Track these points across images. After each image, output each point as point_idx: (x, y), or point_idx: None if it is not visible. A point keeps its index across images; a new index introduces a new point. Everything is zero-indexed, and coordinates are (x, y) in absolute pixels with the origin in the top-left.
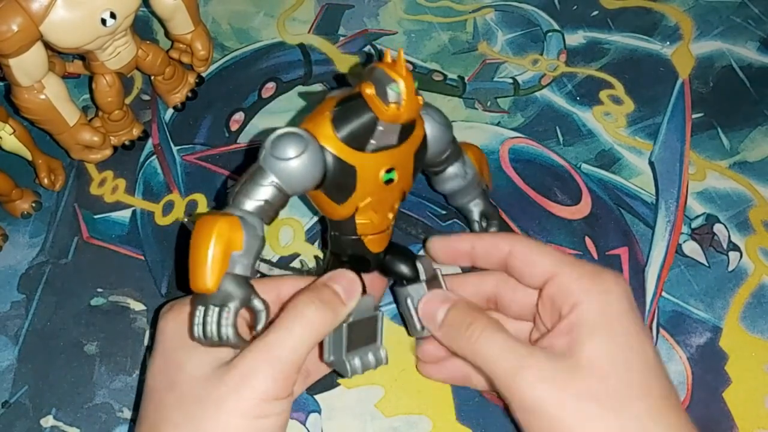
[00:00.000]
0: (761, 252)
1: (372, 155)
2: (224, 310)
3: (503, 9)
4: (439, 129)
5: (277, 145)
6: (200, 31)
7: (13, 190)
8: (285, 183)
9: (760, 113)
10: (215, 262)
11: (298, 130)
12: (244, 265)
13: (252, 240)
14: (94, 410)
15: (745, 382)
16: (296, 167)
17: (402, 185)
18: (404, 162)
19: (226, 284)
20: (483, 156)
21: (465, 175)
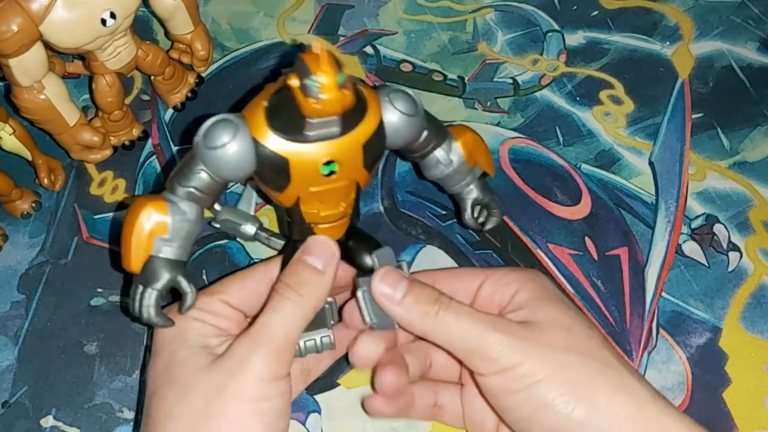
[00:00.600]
0: (761, 252)
1: (308, 146)
2: (146, 291)
3: (503, 9)
4: (401, 119)
5: (207, 133)
6: (200, 31)
7: (13, 190)
8: (213, 171)
9: (760, 113)
10: (136, 246)
11: (231, 118)
12: (172, 249)
13: (179, 225)
14: (94, 410)
15: (745, 382)
16: (223, 156)
17: (351, 176)
18: (349, 154)
19: (152, 266)
20: (477, 140)
21: (449, 163)
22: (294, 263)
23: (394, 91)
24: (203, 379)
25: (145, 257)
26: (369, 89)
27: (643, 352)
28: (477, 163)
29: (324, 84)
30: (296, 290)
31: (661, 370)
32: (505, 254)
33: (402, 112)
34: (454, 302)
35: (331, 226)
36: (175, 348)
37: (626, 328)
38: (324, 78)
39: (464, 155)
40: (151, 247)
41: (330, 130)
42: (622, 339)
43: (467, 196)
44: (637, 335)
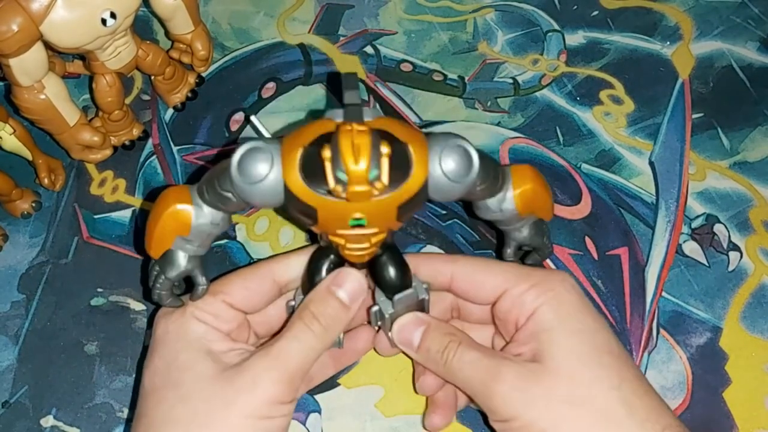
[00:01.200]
0: (761, 252)
1: (339, 202)
2: (160, 276)
3: (503, 9)
4: (447, 184)
5: (242, 162)
6: (200, 31)
7: (13, 190)
8: (241, 196)
9: (760, 113)
10: (159, 239)
11: (269, 149)
12: (191, 247)
13: (202, 229)
14: (94, 410)
15: (745, 382)
16: (255, 190)
17: (381, 227)
18: (382, 213)
19: (171, 257)
20: (538, 191)
21: (500, 212)
22: (322, 292)
23: (450, 149)
24: (209, 389)
25: (165, 249)
26: (419, 142)
27: (644, 351)
28: (532, 213)
29: (353, 178)
30: (320, 322)
31: (662, 370)
32: None
33: (450, 179)
34: (461, 348)
35: (357, 254)
36: (177, 349)
37: (626, 327)
38: (354, 172)
39: (517, 208)
40: (171, 242)
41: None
42: (622, 339)
43: (514, 236)
44: (638, 335)
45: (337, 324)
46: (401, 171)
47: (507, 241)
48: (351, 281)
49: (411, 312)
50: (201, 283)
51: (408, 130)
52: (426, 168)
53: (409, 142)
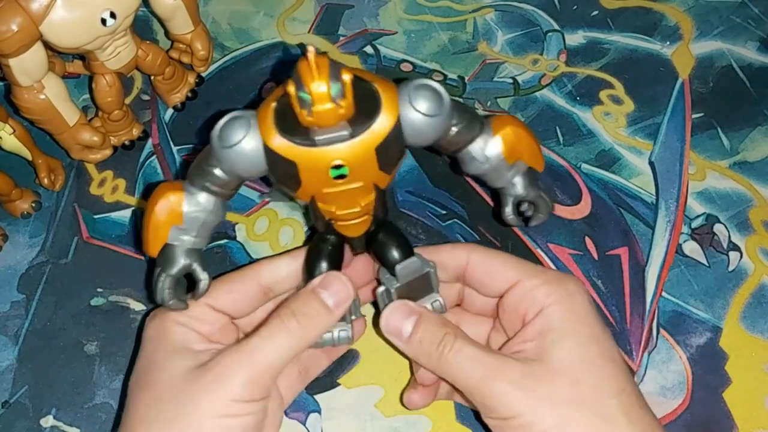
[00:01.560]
0: (761, 252)
1: (317, 150)
2: (161, 275)
3: (503, 9)
4: (422, 120)
5: (222, 130)
6: (200, 31)
7: (13, 190)
8: (226, 168)
9: (760, 113)
10: (154, 232)
11: (245, 115)
12: (188, 237)
13: (195, 216)
14: (94, 410)
15: (745, 382)
16: (236, 154)
17: (366, 179)
18: (361, 158)
19: (168, 253)
20: (521, 134)
21: (486, 159)
22: (307, 292)
23: (417, 87)
24: (178, 387)
25: (162, 243)
26: (387, 85)
27: (644, 351)
28: (520, 159)
29: (316, 97)
30: (298, 321)
31: (662, 370)
32: None
33: (423, 113)
34: (458, 341)
35: (352, 223)
36: (154, 351)
37: (626, 327)
38: (315, 91)
39: (503, 152)
40: (167, 234)
41: (339, 133)
42: (622, 339)
43: (509, 192)
44: (638, 335)
45: (315, 326)
46: (370, 107)
47: (503, 200)
48: (338, 285)
49: (401, 300)
50: (202, 278)
51: (375, 76)
52: (396, 107)
53: (376, 83)
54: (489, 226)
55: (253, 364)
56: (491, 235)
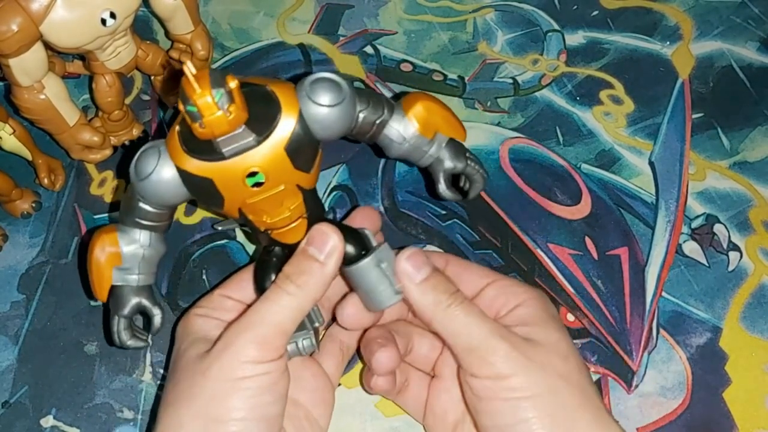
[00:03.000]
0: (761, 252)
1: (228, 162)
2: (114, 318)
3: (503, 9)
4: (325, 113)
5: (136, 163)
6: (200, 31)
7: (13, 190)
8: (150, 199)
9: (760, 113)
10: (98, 278)
11: (156, 144)
12: (132, 276)
13: (133, 253)
14: (94, 410)
15: (745, 382)
16: (153, 185)
17: (286, 181)
18: (272, 161)
19: (116, 295)
20: (431, 107)
21: (403, 140)
22: (297, 254)
23: (313, 82)
24: (192, 367)
25: (107, 286)
26: (283, 85)
27: (644, 351)
28: (438, 131)
29: (202, 108)
30: (294, 281)
31: (662, 370)
32: (505, 254)
33: (323, 105)
34: (467, 300)
35: (287, 230)
36: (179, 346)
37: (626, 328)
38: (200, 102)
39: (417, 128)
40: (110, 277)
41: (244, 141)
42: (622, 339)
43: (437, 167)
44: (638, 335)
45: (313, 280)
46: (269, 110)
47: (435, 177)
48: (321, 236)
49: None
50: (155, 314)
51: (269, 79)
52: (296, 105)
53: (271, 86)
54: (489, 226)
55: (259, 325)
56: (491, 235)
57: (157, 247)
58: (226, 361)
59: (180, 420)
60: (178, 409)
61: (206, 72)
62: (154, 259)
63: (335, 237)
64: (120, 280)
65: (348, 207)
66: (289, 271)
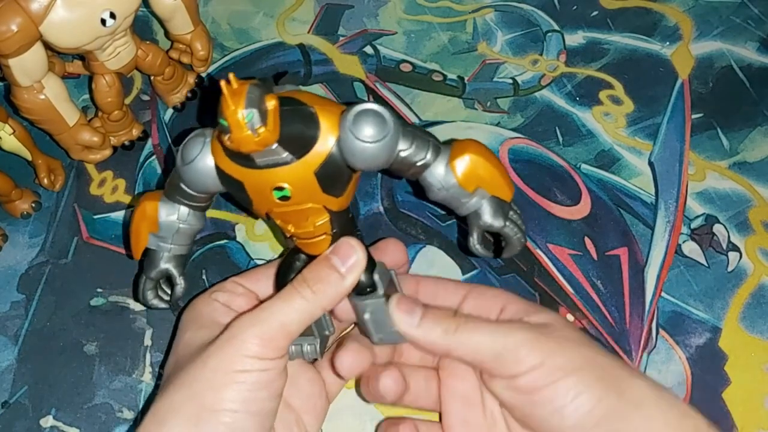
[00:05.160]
0: (761, 252)
1: (259, 172)
2: (141, 276)
3: (503, 9)
4: (362, 147)
5: (184, 146)
6: (200, 31)
7: (13, 190)
8: (188, 183)
9: (760, 113)
10: (135, 238)
11: (204, 134)
12: (165, 244)
13: (169, 224)
14: (94, 410)
15: (744, 383)
16: (192, 172)
17: (312, 201)
18: (301, 181)
19: (148, 257)
20: (479, 161)
21: (443, 186)
22: (319, 260)
23: (359, 113)
24: (195, 354)
25: (142, 248)
26: (330, 109)
27: (643, 352)
28: (480, 187)
29: (231, 124)
30: (310, 286)
31: (661, 370)
32: None
33: (362, 139)
34: (467, 316)
35: (310, 242)
36: (185, 330)
37: (626, 328)
38: (230, 118)
39: (458, 179)
40: (146, 240)
41: (279, 156)
42: (621, 339)
43: (473, 221)
44: (637, 335)
45: (328, 290)
46: (308, 132)
47: (469, 229)
48: (348, 250)
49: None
50: (179, 283)
51: (320, 100)
52: (335, 132)
53: (317, 108)
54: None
55: (266, 322)
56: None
57: (192, 223)
58: (227, 353)
59: (173, 404)
60: (172, 393)
61: (245, 88)
62: (189, 233)
63: (360, 253)
64: (154, 245)
65: None
66: (308, 276)
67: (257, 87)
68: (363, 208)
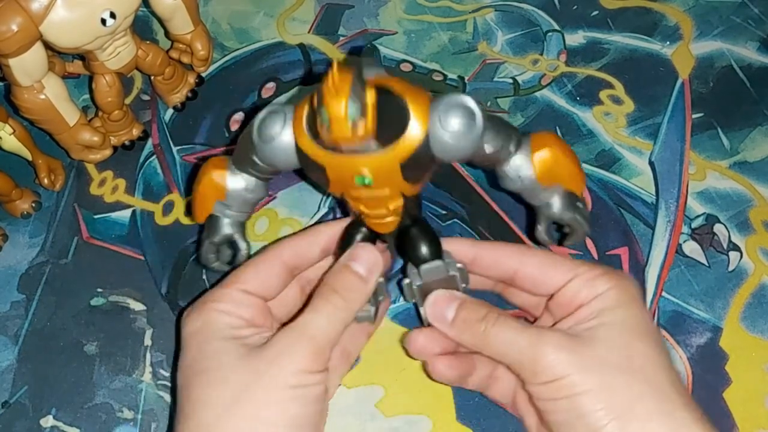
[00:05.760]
0: (761, 252)
1: (343, 157)
2: (205, 240)
3: (503, 9)
4: (450, 140)
5: (261, 123)
6: (200, 31)
7: (13, 190)
8: (262, 158)
9: (760, 113)
10: (200, 204)
11: (283, 111)
12: (230, 211)
13: (236, 194)
14: (94, 410)
15: (745, 382)
16: (270, 150)
17: (392, 187)
18: (385, 170)
19: (212, 223)
20: (559, 157)
21: (520, 180)
22: (340, 268)
23: (450, 107)
24: (239, 367)
25: (207, 214)
26: (420, 98)
27: None
28: (556, 182)
29: (333, 117)
30: (341, 294)
31: None
32: None
33: (451, 132)
34: (501, 318)
35: (379, 222)
36: (204, 341)
37: None
38: (333, 111)
39: (536, 175)
40: (211, 207)
41: (367, 145)
42: None
43: (544, 211)
44: None
45: (356, 295)
46: (397, 124)
47: (538, 218)
48: (365, 254)
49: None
50: (242, 248)
51: (410, 88)
52: (425, 123)
53: (407, 97)
54: (489, 226)
55: (311, 336)
56: (490, 235)
57: (259, 192)
58: (284, 368)
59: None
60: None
61: (349, 79)
62: (254, 201)
63: (377, 256)
64: (219, 212)
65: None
66: (334, 284)
67: (359, 79)
68: None
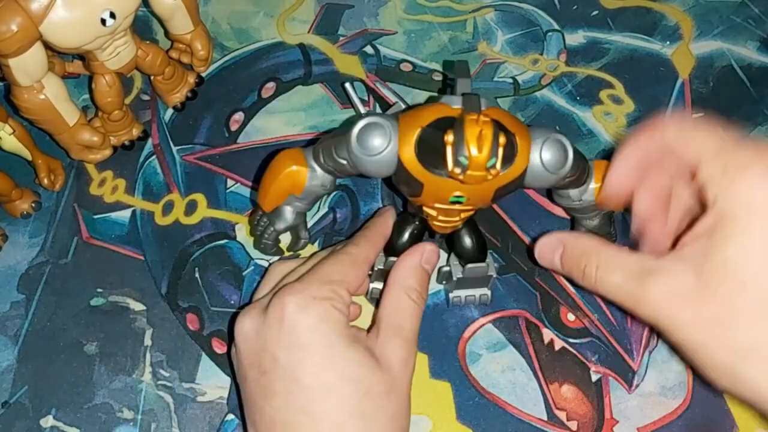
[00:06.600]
0: None
1: (444, 180)
2: (269, 228)
3: (503, 9)
4: (543, 173)
5: (362, 135)
6: (200, 31)
7: (13, 190)
8: (354, 166)
9: (760, 113)
10: (274, 195)
11: (386, 126)
12: (300, 204)
13: (312, 190)
14: (94, 410)
15: None
16: (370, 162)
17: (476, 206)
18: (481, 194)
19: (280, 212)
20: None
21: (580, 202)
22: (420, 271)
23: (550, 142)
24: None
25: (277, 205)
26: (524, 132)
27: (644, 351)
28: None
29: (473, 164)
30: (423, 295)
31: (662, 369)
32: (505, 254)
33: (546, 167)
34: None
35: (444, 225)
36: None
37: (627, 327)
38: (475, 160)
39: (595, 202)
40: (284, 199)
41: None
42: (623, 338)
43: (583, 223)
44: (638, 334)
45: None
46: (506, 156)
47: (577, 228)
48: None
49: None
50: (303, 237)
51: (514, 122)
52: (527, 158)
53: (516, 133)
54: (489, 226)
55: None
56: (491, 235)
57: (330, 188)
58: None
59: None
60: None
61: (491, 130)
62: (323, 195)
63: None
64: (289, 203)
65: (348, 207)
66: (419, 287)
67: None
68: (363, 208)
